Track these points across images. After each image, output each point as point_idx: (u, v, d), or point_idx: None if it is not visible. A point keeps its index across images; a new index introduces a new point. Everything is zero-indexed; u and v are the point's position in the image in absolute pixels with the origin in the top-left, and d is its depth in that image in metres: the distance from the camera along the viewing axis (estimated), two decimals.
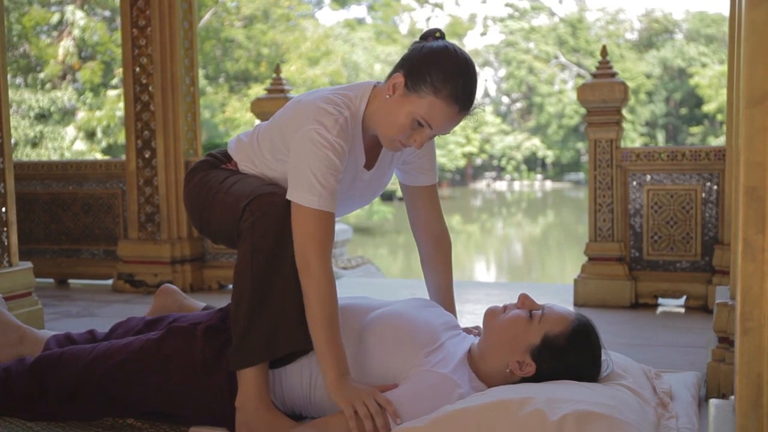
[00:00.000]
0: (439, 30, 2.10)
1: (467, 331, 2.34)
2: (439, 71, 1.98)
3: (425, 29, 2.24)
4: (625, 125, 4.22)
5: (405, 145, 2.07)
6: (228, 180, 2.18)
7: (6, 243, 3.42)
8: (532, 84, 31.87)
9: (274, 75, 4.73)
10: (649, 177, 4.09)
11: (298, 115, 2.05)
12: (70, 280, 5.23)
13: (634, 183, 4.11)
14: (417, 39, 2.12)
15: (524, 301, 2.08)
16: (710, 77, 24.77)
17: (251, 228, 2.00)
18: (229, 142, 2.34)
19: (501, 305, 2.11)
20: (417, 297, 2.31)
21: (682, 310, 4.01)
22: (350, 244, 12.18)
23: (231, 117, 19.92)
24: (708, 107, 24.77)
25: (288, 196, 2.00)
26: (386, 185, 2.36)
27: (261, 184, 2.12)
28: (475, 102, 2.07)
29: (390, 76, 2.09)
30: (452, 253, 2.49)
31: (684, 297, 4.05)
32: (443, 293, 2.45)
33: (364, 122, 2.12)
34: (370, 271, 6.99)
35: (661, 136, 29.07)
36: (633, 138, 26.38)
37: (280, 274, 2.00)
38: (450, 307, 2.43)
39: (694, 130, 27.61)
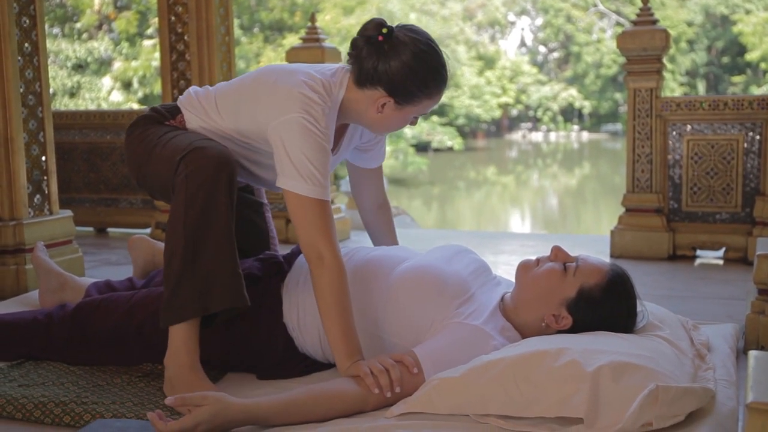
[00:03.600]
0: (383, 25, 2.03)
1: None
2: (425, 81, 2.05)
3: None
4: (665, 74, 4.13)
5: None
6: (167, 135, 2.17)
7: (46, 191, 3.47)
8: (569, 33, 31.26)
9: (308, 24, 4.70)
10: (689, 127, 4.01)
11: (280, 99, 2.03)
12: (109, 229, 5.30)
13: (674, 133, 4.04)
14: (363, 36, 2.05)
15: (557, 253, 2.06)
16: (754, 24, 24.10)
17: (184, 181, 1.99)
18: (180, 97, 2.32)
19: (534, 258, 2.10)
20: (447, 245, 2.30)
21: (721, 262, 3.97)
22: None
23: None
24: (751, 56, 24.15)
25: (283, 185, 2.00)
26: None
27: (197, 138, 2.10)
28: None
29: (362, 81, 2.06)
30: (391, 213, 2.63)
31: (723, 249, 4.00)
32: None
33: (339, 111, 2.13)
34: (405, 222, 7.00)
35: (701, 86, 28.45)
36: (672, 88, 25.87)
37: (213, 228, 1.99)
38: None
39: (736, 79, 26.98)
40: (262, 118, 2.06)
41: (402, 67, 2.02)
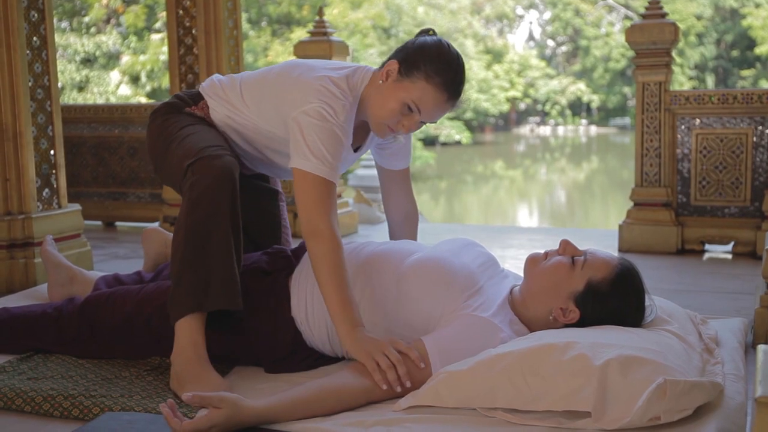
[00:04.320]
0: (432, 29, 2.23)
1: None
2: (432, 60, 2.10)
3: None
4: (674, 68, 4.12)
5: (393, 130, 2.17)
6: (184, 130, 2.23)
7: (55, 185, 3.48)
8: (578, 26, 31.17)
9: (316, 18, 4.69)
10: (698, 121, 4.00)
11: (303, 91, 2.09)
12: (118, 223, 5.31)
13: (683, 127, 4.03)
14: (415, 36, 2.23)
15: (566, 247, 2.06)
16: (764, 18, 23.99)
17: (189, 189, 2.07)
18: (202, 84, 2.38)
19: (542, 252, 2.10)
20: (455, 238, 2.30)
21: (730, 256, 3.96)
22: None
23: (274, 61, 19.87)
24: (761, 49, 24.03)
25: (294, 164, 2.05)
26: None
27: (209, 144, 2.15)
28: (462, 94, 2.19)
29: (384, 63, 2.17)
30: (417, 221, 2.61)
31: (732, 243, 3.99)
32: None
33: (359, 107, 2.18)
34: None
35: (710, 80, 28.33)
36: (681, 82, 25.77)
37: (214, 232, 2.04)
38: None
39: (746, 73, 26.85)
40: (285, 109, 2.12)
41: (422, 43, 2.13)
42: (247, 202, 2.42)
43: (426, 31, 2.22)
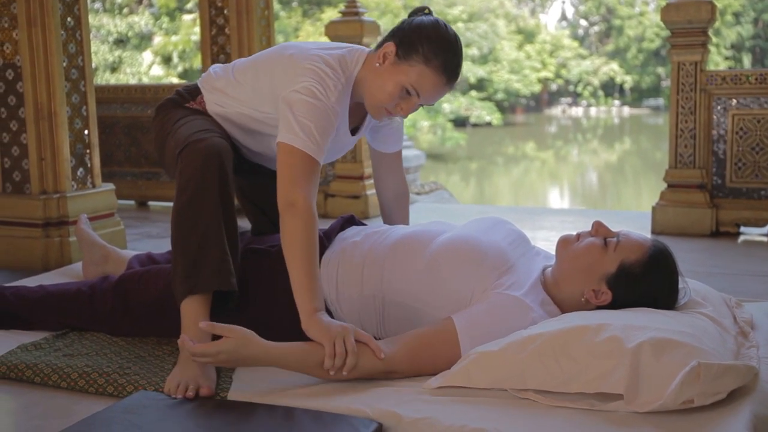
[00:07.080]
0: (427, 7, 2.17)
1: None
2: (430, 42, 2.07)
3: None
4: (710, 48, 4.05)
5: (391, 113, 2.15)
6: (178, 122, 2.24)
7: (89, 165, 3.52)
8: (611, 6, 30.77)
9: None
10: (734, 101, 3.94)
11: (295, 70, 2.07)
12: (150, 202, 5.36)
13: (719, 107, 3.97)
14: (409, 15, 2.19)
15: (598, 228, 2.04)
16: None
17: (179, 174, 2.08)
18: (201, 76, 2.38)
19: (574, 233, 2.08)
20: (484, 217, 2.29)
21: (765, 238, 3.91)
22: (423, 170, 12.12)
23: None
24: None
25: (281, 139, 2.01)
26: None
27: (196, 130, 2.15)
28: (460, 76, 2.17)
29: (380, 45, 2.14)
30: (406, 199, 2.62)
31: (767, 225, 3.93)
32: None
33: (354, 88, 2.16)
34: (443, 197, 6.98)
35: (747, 60, 27.86)
36: (717, 62, 25.37)
37: (202, 214, 2.04)
38: None
39: None
40: (277, 89, 2.10)
41: (419, 24, 2.10)
42: (263, 184, 2.43)
43: (421, 10, 2.17)
